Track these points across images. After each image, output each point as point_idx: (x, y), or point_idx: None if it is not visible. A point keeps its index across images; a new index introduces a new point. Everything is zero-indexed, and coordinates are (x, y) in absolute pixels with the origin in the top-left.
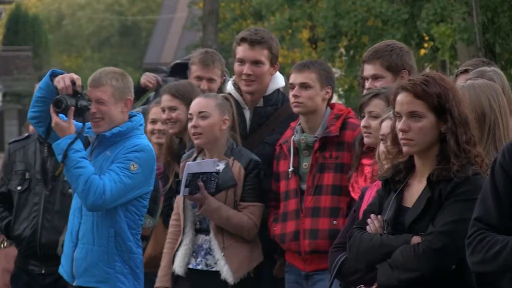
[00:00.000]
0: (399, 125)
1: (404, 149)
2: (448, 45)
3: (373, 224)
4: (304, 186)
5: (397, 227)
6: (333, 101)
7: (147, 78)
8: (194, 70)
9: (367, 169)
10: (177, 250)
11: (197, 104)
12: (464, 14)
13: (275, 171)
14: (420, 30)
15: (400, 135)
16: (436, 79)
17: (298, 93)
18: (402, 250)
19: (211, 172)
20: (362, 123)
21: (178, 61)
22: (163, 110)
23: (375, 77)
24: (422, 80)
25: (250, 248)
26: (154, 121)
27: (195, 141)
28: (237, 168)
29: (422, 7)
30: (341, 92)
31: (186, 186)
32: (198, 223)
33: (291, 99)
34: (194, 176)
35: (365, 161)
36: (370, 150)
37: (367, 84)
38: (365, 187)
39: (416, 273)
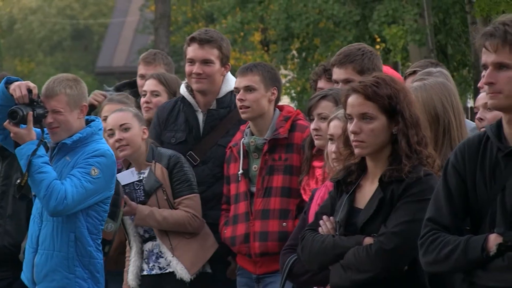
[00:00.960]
0: (350, 127)
1: (356, 151)
2: (400, 47)
3: (325, 225)
4: (254, 189)
5: (350, 228)
6: (285, 103)
7: (94, 97)
8: (139, 69)
9: (318, 172)
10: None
11: (115, 118)
12: (416, 16)
13: (226, 174)
14: (372, 31)
15: (351, 137)
16: (387, 80)
17: (243, 96)
18: (355, 251)
19: (133, 182)
20: (312, 125)
21: (124, 81)
22: (144, 95)
23: (347, 81)
24: (373, 82)
25: (200, 240)
26: (106, 119)
27: (122, 154)
28: (159, 169)
29: (373, 8)
30: (294, 95)
31: None
32: (144, 233)
33: (237, 104)
34: None
35: (316, 163)
36: (320, 153)
37: None
38: (315, 189)
39: (368, 274)
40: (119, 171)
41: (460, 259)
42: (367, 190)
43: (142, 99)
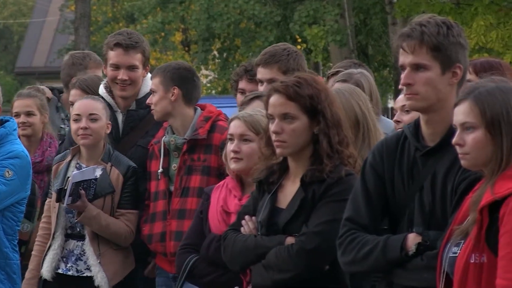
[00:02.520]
0: (272, 127)
1: (278, 151)
2: (321, 47)
3: (248, 225)
4: (172, 188)
5: (271, 228)
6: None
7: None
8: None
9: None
10: (46, 254)
11: (86, 105)
12: (337, 16)
13: (148, 171)
14: (293, 32)
15: (273, 137)
16: (308, 80)
17: (150, 100)
18: (276, 251)
19: (91, 179)
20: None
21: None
22: (72, 104)
23: (272, 81)
24: (294, 82)
25: (125, 255)
26: (17, 115)
27: (82, 141)
28: (116, 175)
29: (294, 9)
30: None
31: (69, 195)
32: (69, 228)
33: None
34: (77, 185)
35: None
36: None
37: (262, 88)
38: (209, 188)
39: (290, 273)
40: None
41: (379, 258)
42: (289, 190)
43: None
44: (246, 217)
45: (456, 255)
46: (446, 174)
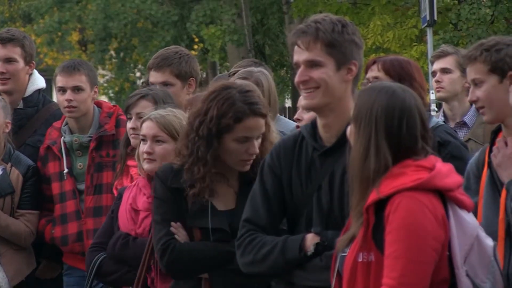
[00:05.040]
0: (250, 147)
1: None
2: (218, 47)
3: (180, 233)
4: (81, 187)
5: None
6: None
7: None
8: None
9: (134, 171)
10: None
11: None
12: (234, 16)
13: (43, 174)
14: (190, 32)
15: (245, 156)
16: None
17: (71, 96)
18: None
19: None
20: (130, 124)
21: None
22: None
23: (166, 84)
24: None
25: (25, 255)
26: None
27: None
28: (16, 175)
29: (191, 9)
30: (112, 95)
31: None
32: None
33: (63, 103)
34: None
35: (130, 162)
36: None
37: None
38: (123, 188)
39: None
40: None
41: (278, 259)
42: (225, 192)
43: None
44: (173, 224)
45: (346, 254)
46: (343, 173)
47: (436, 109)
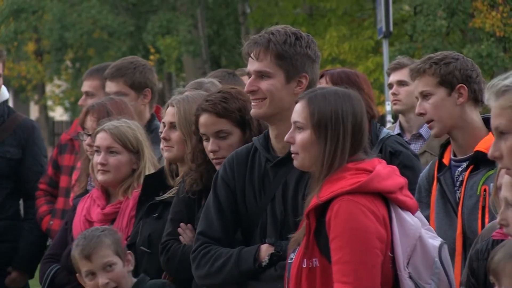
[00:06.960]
0: (208, 146)
1: (217, 167)
2: (174, 57)
3: (186, 234)
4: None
5: None
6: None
7: None
8: None
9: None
10: None
11: None
12: (190, 27)
13: (57, 160)
14: (146, 42)
15: (210, 155)
16: (233, 93)
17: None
18: None
19: None
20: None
21: None
22: None
23: (120, 94)
24: (221, 98)
25: None
26: None
27: None
28: None
29: (148, 19)
30: (68, 105)
31: None
32: None
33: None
34: None
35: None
36: None
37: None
38: (77, 199)
39: None
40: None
41: (233, 271)
42: None
43: None
44: (182, 225)
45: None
46: (297, 183)
47: (392, 120)
